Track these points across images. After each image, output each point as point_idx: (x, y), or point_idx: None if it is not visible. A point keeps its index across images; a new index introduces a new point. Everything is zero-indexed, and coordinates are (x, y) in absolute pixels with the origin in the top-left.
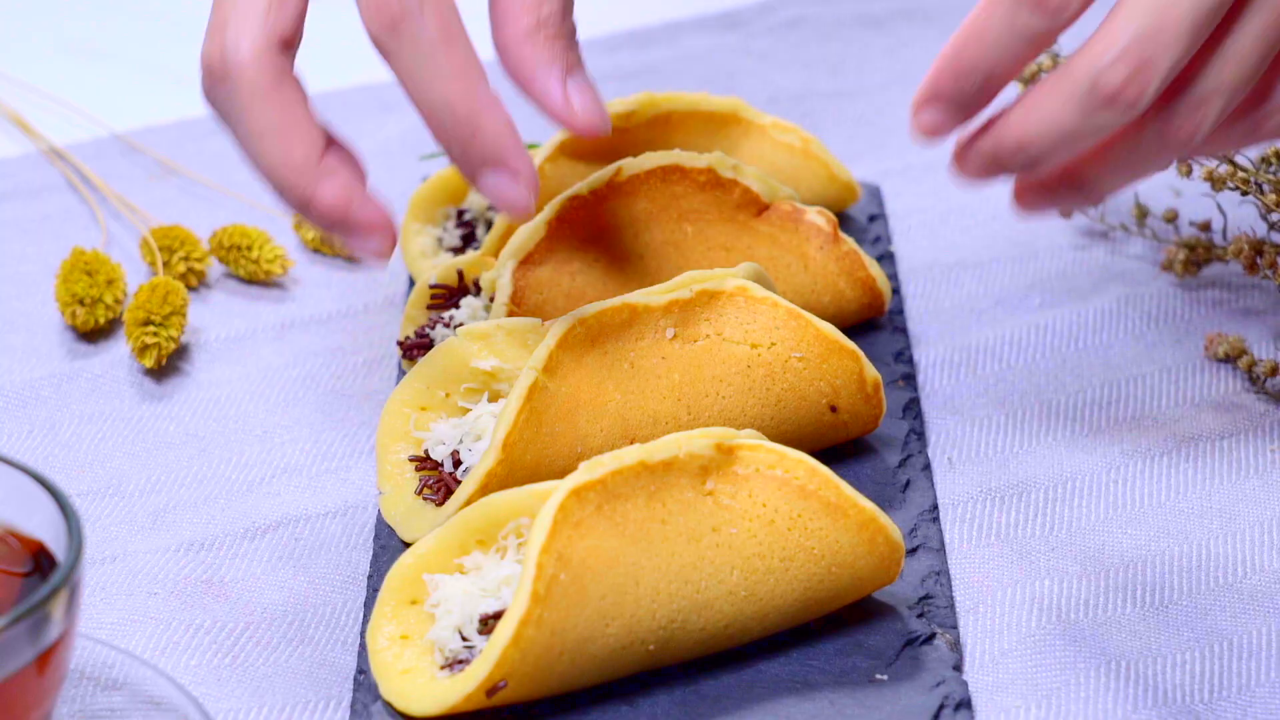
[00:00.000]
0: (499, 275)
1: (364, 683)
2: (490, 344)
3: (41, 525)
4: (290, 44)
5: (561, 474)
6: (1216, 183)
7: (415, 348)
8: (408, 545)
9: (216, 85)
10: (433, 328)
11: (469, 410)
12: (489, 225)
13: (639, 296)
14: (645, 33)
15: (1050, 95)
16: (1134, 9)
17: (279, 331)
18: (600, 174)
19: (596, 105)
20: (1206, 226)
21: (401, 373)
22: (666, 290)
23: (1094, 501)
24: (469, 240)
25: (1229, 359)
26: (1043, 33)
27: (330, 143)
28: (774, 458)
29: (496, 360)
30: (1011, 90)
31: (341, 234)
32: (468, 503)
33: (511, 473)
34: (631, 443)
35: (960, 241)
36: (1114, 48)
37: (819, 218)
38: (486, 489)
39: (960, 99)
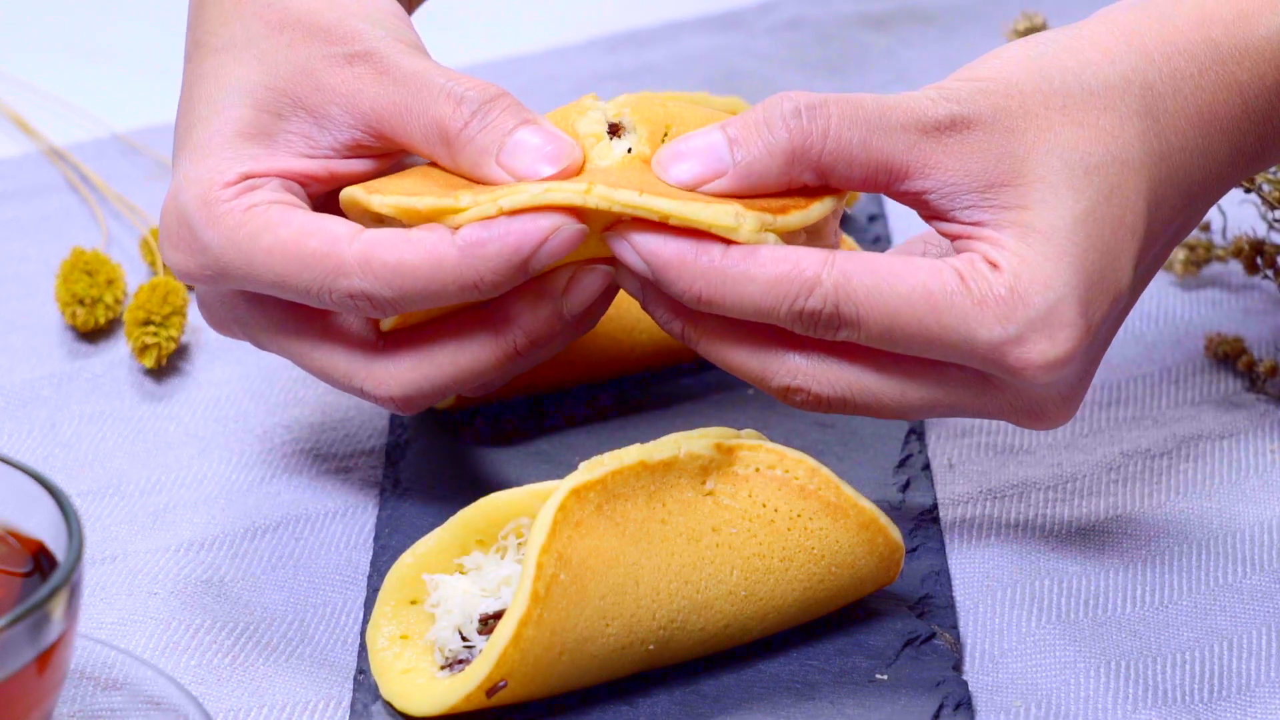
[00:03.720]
0: None
1: (364, 683)
2: None
3: (41, 525)
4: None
5: None
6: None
7: None
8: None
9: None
10: None
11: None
12: None
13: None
14: (645, 33)
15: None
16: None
17: None
18: None
19: (547, 143)
20: (1206, 227)
21: None
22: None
23: (1094, 501)
24: None
25: (1229, 359)
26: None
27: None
28: (774, 458)
29: None
30: None
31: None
32: None
33: None
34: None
35: None
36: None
37: None
38: None
39: (714, 175)
